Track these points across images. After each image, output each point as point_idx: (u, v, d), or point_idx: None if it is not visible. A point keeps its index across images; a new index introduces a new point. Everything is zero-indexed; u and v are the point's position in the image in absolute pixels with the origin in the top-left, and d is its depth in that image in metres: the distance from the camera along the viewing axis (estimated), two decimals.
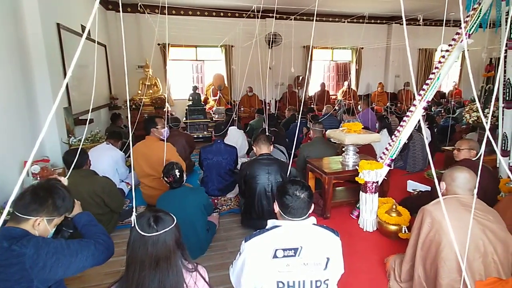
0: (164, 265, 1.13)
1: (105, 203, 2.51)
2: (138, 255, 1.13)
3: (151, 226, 1.14)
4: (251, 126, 5.58)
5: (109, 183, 2.62)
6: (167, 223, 1.18)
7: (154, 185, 3.07)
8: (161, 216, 1.19)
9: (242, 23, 6.82)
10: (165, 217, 1.20)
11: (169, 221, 1.20)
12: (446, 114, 6.82)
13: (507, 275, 1.73)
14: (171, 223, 1.20)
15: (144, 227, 1.14)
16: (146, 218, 1.17)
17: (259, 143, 2.85)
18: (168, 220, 1.20)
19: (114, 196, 2.61)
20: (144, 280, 1.11)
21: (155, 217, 1.18)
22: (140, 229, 1.14)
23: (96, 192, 2.44)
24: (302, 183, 1.52)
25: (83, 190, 2.38)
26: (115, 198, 2.62)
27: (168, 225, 1.17)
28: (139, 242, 1.13)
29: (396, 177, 4.10)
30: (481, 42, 5.63)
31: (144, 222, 1.16)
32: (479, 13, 2.73)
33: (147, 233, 1.13)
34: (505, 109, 3.32)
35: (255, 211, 2.65)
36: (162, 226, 1.16)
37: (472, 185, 1.85)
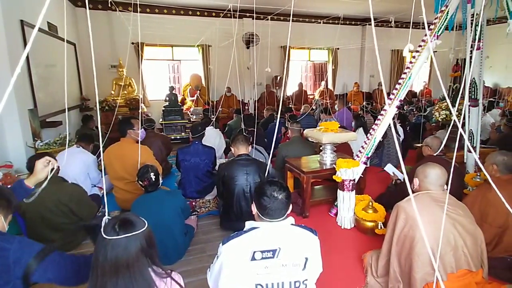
0: (125, 272, 1.07)
1: (73, 212, 2.36)
2: (99, 258, 1.07)
3: (114, 229, 1.08)
4: (230, 126, 5.53)
5: (78, 190, 2.47)
6: (133, 228, 1.11)
7: (129, 189, 2.95)
8: (130, 221, 1.13)
9: (219, 23, 6.76)
10: (134, 222, 1.13)
11: (138, 226, 1.13)
12: (417, 113, 7.10)
13: (476, 266, 1.81)
14: (139, 228, 1.13)
15: (108, 230, 1.09)
16: (113, 222, 1.11)
17: (237, 144, 2.82)
18: (136, 225, 1.13)
19: (84, 205, 2.47)
20: (106, 286, 1.05)
21: (122, 220, 1.12)
22: (103, 232, 1.09)
23: (62, 201, 2.27)
24: (280, 183, 1.50)
25: (48, 199, 2.19)
26: (85, 206, 2.48)
27: (133, 230, 1.11)
28: (101, 245, 1.08)
29: (372, 174, 4.20)
30: (448, 44, 5.91)
31: (110, 225, 1.10)
32: (446, 15, 2.85)
33: (108, 236, 1.07)
34: (471, 107, 3.49)
35: (233, 212, 2.61)
36: (125, 230, 1.09)
37: (443, 181, 1.92)
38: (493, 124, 5.67)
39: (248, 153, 2.77)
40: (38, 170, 1.61)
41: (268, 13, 6.92)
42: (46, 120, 4.18)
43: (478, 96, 3.46)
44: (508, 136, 4.57)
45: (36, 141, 3.57)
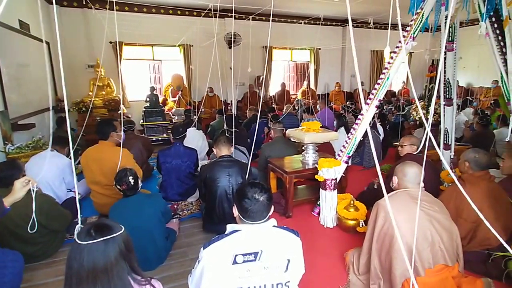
0: (104, 278, 1.03)
1: (42, 225, 2.24)
2: (74, 266, 1.02)
3: (89, 234, 1.04)
4: (212, 127, 5.48)
5: (48, 201, 2.35)
6: (110, 231, 1.07)
7: (107, 193, 2.85)
8: (106, 225, 1.09)
9: (201, 22, 6.68)
10: (110, 226, 1.10)
11: (114, 230, 1.09)
12: (396, 112, 7.29)
13: (452, 261, 1.87)
14: (116, 232, 1.09)
15: (82, 236, 1.04)
16: (88, 227, 1.06)
17: (219, 145, 2.78)
18: (113, 228, 1.09)
19: (55, 217, 2.35)
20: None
21: (98, 225, 1.08)
22: (77, 238, 1.04)
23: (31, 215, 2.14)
24: (261, 185, 1.49)
25: (15, 213, 2.01)
26: (56, 218, 2.36)
27: (110, 233, 1.07)
28: (75, 252, 1.03)
29: (354, 172, 4.28)
30: (424, 45, 6.09)
31: (84, 231, 1.05)
32: (422, 17, 2.93)
33: (84, 241, 1.02)
34: (446, 107, 3.61)
35: (216, 214, 2.58)
36: (102, 234, 1.05)
37: (421, 178, 1.97)
38: (467, 122, 5.91)
39: (230, 154, 2.75)
40: (16, 189, 1.56)
41: (250, 13, 6.91)
42: (18, 123, 3.99)
43: (452, 96, 3.58)
44: (480, 134, 4.78)
45: (7, 144, 3.39)
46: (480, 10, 2.41)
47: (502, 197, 2.29)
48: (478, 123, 4.93)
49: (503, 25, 2.24)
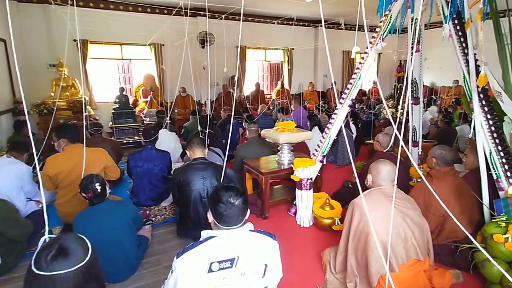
0: None
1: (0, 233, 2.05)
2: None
3: (45, 262, 0.93)
4: (186, 128, 5.34)
5: (5, 208, 2.16)
6: (72, 260, 0.96)
7: (74, 201, 2.65)
8: (66, 252, 0.96)
9: (172, 21, 6.48)
10: (71, 253, 0.97)
11: (77, 257, 0.97)
12: (368, 110, 7.53)
13: (424, 255, 1.93)
14: (79, 260, 0.97)
15: (41, 261, 0.93)
16: (48, 251, 0.94)
17: (192, 147, 2.69)
18: (76, 255, 0.97)
19: (12, 224, 2.16)
20: None
21: (59, 250, 0.95)
22: (34, 263, 0.93)
23: None
24: (236, 189, 1.44)
25: None
26: (13, 225, 2.17)
27: (72, 264, 0.95)
28: (31, 280, 0.92)
29: (328, 171, 4.34)
30: (392, 46, 6.35)
31: (43, 255, 0.94)
32: (390, 19, 3.02)
33: (41, 270, 0.92)
34: (413, 105, 3.75)
35: (191, 219, 2.49)
36: (61, 265, 0.94)
37: (394, 176, 2.02)
38: (432, 120, 6.22)
39: (204, 157, 2.67)
40: None
41: (222, 12, 6.83)
42: None
43: (419, 95, 3.73)
44: (444, 131, 5.04)
45: None
46: (444, 13, 2.52)
47: (467, 191, 2.41)
48: (442, 121, 5.20)
49: (465, 27, 2.36)
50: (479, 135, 2.35)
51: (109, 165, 2.78)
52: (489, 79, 2.14)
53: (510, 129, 2.10)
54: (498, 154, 2.25)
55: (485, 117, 2.31)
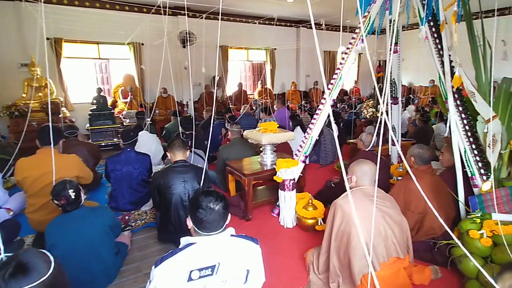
0: None
1: None
2: None
3: (5, 281, 0.86)
4: (167, 129, 5.23)
5: None
6: (33, 276, 0.89)
7: (48, 209, 2.52)
8: (26, 268, 0.90)
9: (151, 19, 6.33)
10: (31, 269, 0.90)
11: (39, 272, 0.91)
12: (349, 110, 7.66)
13: (403, 253, 1.96)
14: (41, 275, 0.91)
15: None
16: (5, 270, 0.87)
17: (173, 150, 2.62)
18: (37, 270, 0.91)
19: None
20: None
21: (17, 267, 0.88)
22: None
23: None
24: (216, 193, 1.40)
25: None
26: None
27: (33, 279, 0.89)
28: None
29: (311, 170, 4.37)
30: (372, 47, 6.48)
31: (1, 275, 0.86)
32: (369, 20, 3.06)
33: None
34: (393, 105, 3.84)
35: (172, 223, 2.42)
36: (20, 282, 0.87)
37: (375, 175, 2.04)
38: (410, 118, 6.40)
39: (185, 159, 2.60)
40: None
41: (203, 12, 6.74)
42: None
43: (398, 95, 3.82)
44: (421, 129, 5.19)
45: None
46: (420, 15, 2.58)
47: (443, 189, 2.48)
48: (420, 120, 5.36)
49: (440, 29, 2.42)
50: (454, 134, 2.41)
51: (81, 175, 2.66)
52: (463, 80, 2.20)
53: (483, 128, 2.17)
54: (472, 152, 2.32)
55: (459, 117, 2.38)
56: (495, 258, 1.93)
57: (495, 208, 2.08)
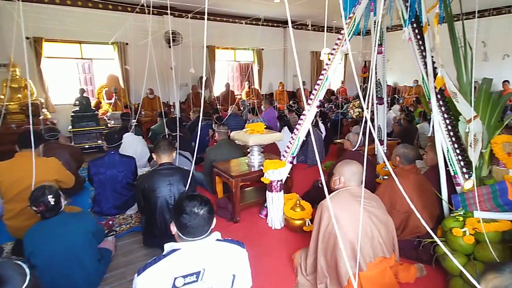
0: None
1: None
2: None
3: None
4: (153, 131, 5.13)
5: None
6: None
7: (26, 215, 2.43)
8: (2, 279, 0.86)
9: (136, 19, 6.20)
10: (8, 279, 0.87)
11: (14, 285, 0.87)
12: (336, 110, 7.73)
13: (389, 252, 1.98)
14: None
15: None
16: None
17: (158, 152, 2.56)
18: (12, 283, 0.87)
19: None
20: None
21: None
22: None
23: None
24: (201, 198, 1.38)
25: None
26: None
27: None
28: None
29: (299, 171, 4.38)
30: (357, 47, 6.56)
31: None
32: (354, 21, 3.09)
33: None
34: (378, 105, 3.89)
35: (157, 227, 2.37)
36: None
37: (361, 176, 2.05)
38: (395, 118, 6.51)
39: (171, 162, 2.55)
40: None
41: (189, 11, 6.66)
42: None
43: (383, 95, 3.88)
44: (406, 129, 5.29)
45: None
46: (403, 17, 2.61)
47: (427, 188, 2.52)
48: (405, 119, 5.46)
49: (423, 30, 2.46)
50: (437, 133, 2.46)
51: (61, 179, 2.58)
52: (445, 81, 2.25)
53: (465, 128, 2.22)
54: (455, 151, 2.37)
55: (442, 117, 2.43)
56: (478, 255, 1.98)
57: (477, 206, 2.13)
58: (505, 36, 7.49)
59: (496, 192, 2.08)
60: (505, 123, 2.40)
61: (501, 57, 7.84)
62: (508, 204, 2.00)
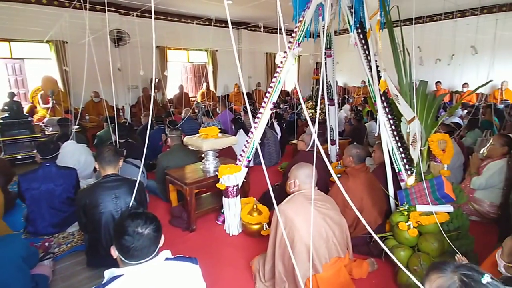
0: None
1: None
2: None
3: None
4: (99, 137, 4.75)
5: None
6: None
7: None
8: None
9: (75, 16, 5.67)
10: None
11: None
12: (291, 110, 7.90)
13: (344, 252, 2.03)
14: None
15: None
16: None
17: (102, 163, 2.31)
18: None
19: None
20: None
21: None
22: None
23: None
24: (145, 215, 1.26)
25: None
26: None
27: None
28: None
29: (256, 173, 4.34)
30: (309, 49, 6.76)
31: None
32: (304, 25, 3.15)
33: None
34: (329, 106, 4.03)
35: (102, 246, 2.16)
36: None
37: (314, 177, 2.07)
38: (346, 118, 6.85)
39: (117, 173, 2.34)
40: None
41: (135, 9, 6.29)
42: None
43: (334, 97, 4.02)
44: (356, 128, 5.58)
45: None
46: (349, 22, 2.72)
47: (376, 185, 2.65)
48: (354, 118, 5.76)
49: (367, 36, 2.58)
50: (383, 133, 2.60)
51: None
52: (388, 84, 2.38)
53: (406, 128, 2.37)
54: (398, 150, 2.53)
55: (387, 117, 2.57)
56: (421, 246, 2.12)
57: (419, 200, 2.29)
58: (436, 42, 8.31)
59: (434, 186, 2.25)
60: (439, 122, 2.62)
61: (434, 61, 8.69)
62: (445, 197, 2.18)
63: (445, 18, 7.71)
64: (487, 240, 2.46)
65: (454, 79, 8.83)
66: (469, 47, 7.10)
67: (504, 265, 1.40)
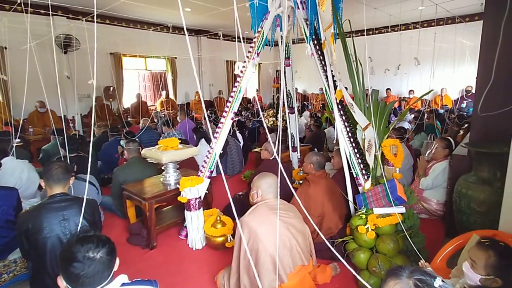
0: None
1: None
2: None
3: None
4: (45, 151, 4.34)
5: None
6: None
7: None
8: None
9: (15, 20, 5.20)
10: None
11: None
12: (253, 118, 7.95)
13: (307, 259, 2.05)
14: None
15: None
16: None
17: (49, 181, 2.07)
18: None
19: None
20: None
21: None
22: None
23: None
24: (97, 237, 1.16)
25: None
26: None
27: None
28: None
29: (219, 182, 4.28)
30: (269, 58, 6.91)
31: None
32: (262, 35, 3.20)
33: None
34: (290, 114, 4.12)
35: (49, 274, 1.94)
36: None
37: (277, 187, 2.08)
38: (306, 124, 7.06)
39: (65, 192, 2.13)
40: None
41: (86, 13, 5.94)
42: None
43: (294, 105, 4.12)
44: (316, 134, 5.77)
45: None
46: (305, 33, 2.81)
47: (336, 190, 2.74)
48: (314, 125, 5.95)
49: (322, 47, 2.69)
50: (341, 139, 2.70)
51: None
52: (343, 93, 2.49)
53: (361, 135, 2.49)
54: (355, 155, 2.64)
55: (343, 125, 2.68)
56: (379, 248, 2.22)
57: (375, 203, 2.41)
58: (385, 53, 8.97)
59: (388, 189, 2.38)
60: (391, 128, 2.80)
61: (383, 71, 9.36)
62: (398, 199, 2.32)
63: (391, 30, 8.37)
64: (436, 236, 2.67)
65: (401, 87, 9.60)
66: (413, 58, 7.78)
67: (480, 279, 1.35)
